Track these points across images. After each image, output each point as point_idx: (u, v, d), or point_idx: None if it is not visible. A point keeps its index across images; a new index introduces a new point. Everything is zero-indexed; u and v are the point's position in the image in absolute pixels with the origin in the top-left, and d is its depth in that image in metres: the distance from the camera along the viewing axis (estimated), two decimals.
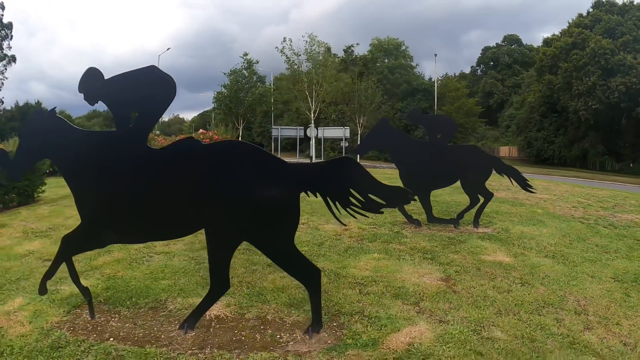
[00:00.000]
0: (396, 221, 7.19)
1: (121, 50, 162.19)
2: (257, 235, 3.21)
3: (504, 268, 5.02)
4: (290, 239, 3.17)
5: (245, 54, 22.91)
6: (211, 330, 3.44)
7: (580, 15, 38.75)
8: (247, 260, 5.00)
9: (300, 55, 16.83)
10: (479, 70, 74.93)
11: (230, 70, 24.74)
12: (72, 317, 3.66)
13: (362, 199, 3.04)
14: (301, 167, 3.31)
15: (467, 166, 6.99)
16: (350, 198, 3.04)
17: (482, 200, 7.15)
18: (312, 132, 30.92)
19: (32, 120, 3.56)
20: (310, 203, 6.25)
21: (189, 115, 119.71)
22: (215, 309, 3.67)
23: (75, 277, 3.58)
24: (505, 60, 70.31)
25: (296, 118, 41.57)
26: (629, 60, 31.52)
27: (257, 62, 25.46)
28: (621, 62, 31.79)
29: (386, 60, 51.56)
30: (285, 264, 3.26)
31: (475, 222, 7.10)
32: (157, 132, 25.61)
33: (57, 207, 8.58)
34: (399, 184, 6.63)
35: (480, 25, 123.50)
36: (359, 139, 16.29)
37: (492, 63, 72.11)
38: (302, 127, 32.54)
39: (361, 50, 53.21)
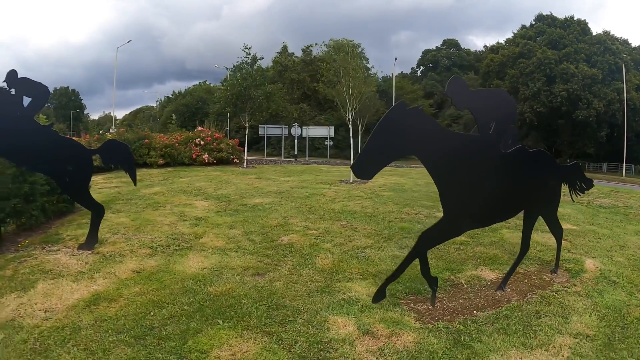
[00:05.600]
0: None
1: (45, 44, 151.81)
2: (548, 210, 5.10)
3: (580, 232, 7.84)
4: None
5: (247, 47, 22.06)
6: (507, 285, 4.96)
7: (524, 27, 44.65)
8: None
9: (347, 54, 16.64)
10: (418, 72, 79.54)
11: (234, 66, 25.27)
12: (418, 314, 4.21)
13: (579, 185, 5.53)
14: (562, 166, 5.29)
15: None
16: (577, 185, 5.50)
17: None
18: (295, 130, 33.24)
19: (392, 114, 3.77)
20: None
21: (119, 114, 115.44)
22: (482, 275, 5.42)
23: (427, 269, 4.22)
24: (445, 63, 75.66)
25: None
26: (572, 69, 37.23)
27: (262, 59, 25.88)
28: (564, 71, 37.57)
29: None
30: (557, 229, 5.35)
31: None
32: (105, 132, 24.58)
33: (129, 214, 8.14)
34: None
35: (409, 27, 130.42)
36: (351, 139, 18.20)
37: (431, 65, 77.23)
38: (287, 126, 34.68)
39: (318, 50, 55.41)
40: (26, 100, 5.69)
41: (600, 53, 38.96)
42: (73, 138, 7.16)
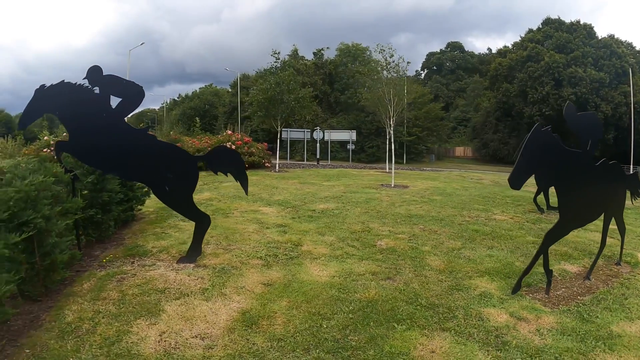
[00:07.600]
0: (525, 211, 10.97)
1: (46, 47, 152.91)
2: (618, 211, 6.22)
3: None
4: None
5: (276, 52, 21.92)
6: (591, 276, 5.98)
7: (531, 31, 46.02)
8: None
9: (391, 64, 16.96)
10: (422, 75, 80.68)
11: (265, 70, 25.43)
12: (541, 301, 5.04)
13: (637, 191, 6.76)
14: (628, 175, 6.47)
15: None
16: (637, 191, 6.72)
17: None
18: (317, 134, 34.33)
19: (532, 135, 4.38)
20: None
21: None
22: (567, 268, 6.33)
23: (547, 263, 5.23)
24: (449, 65, 76.90)
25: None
26: (580, 73, 38.66)
27: (292, 66, 26.17)
28: (572, 75, 39.07)
29: (351, 66, 55.22)
30: (622, 227, 6.46)
31: None
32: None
33: (215, 222, 7.73)
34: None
35: (409, 29, 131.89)
36: (389, 146, 18.92)
37: (434, 68, 78.49)
38: (309, 130, 35.74)
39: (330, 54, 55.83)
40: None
41: (606, 57, 40.47)
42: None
